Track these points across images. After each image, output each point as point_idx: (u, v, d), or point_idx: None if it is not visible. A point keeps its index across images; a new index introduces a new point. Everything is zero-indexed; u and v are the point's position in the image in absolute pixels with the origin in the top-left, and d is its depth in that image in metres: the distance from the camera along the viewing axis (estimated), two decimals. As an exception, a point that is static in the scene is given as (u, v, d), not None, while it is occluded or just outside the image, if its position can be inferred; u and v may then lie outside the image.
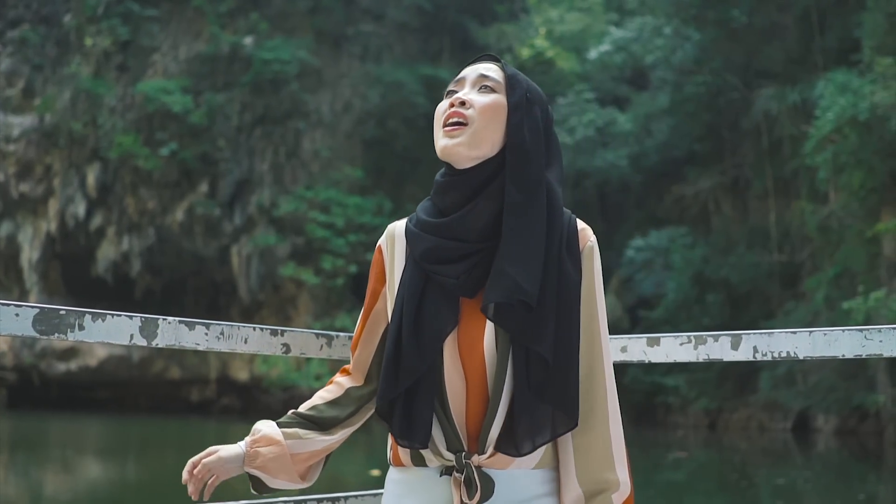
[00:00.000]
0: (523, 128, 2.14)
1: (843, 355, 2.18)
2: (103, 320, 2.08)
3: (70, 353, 35.98)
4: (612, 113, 35.62)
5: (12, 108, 36.76)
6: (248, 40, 36.37)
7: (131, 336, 2.12)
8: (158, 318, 2.17)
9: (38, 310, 1.99)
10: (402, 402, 2.10)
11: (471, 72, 2.23)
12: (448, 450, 2.09)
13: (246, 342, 2.34)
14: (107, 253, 36.60)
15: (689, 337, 2.35)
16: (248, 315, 35.52)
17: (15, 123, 36.57)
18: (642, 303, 33.12)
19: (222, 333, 2.29)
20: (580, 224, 2.20)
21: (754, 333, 2.28)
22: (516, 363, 2.04)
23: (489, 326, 2.08)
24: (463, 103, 2.15)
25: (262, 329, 2.38)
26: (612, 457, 2.12)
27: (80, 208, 36.32)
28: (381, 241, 2.31)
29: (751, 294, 30.62)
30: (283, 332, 2.43)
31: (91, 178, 36.30)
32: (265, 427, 2.22)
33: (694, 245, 32.44)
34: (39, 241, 36.57)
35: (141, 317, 2.14)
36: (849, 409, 27.09)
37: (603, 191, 36.50)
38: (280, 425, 2.23)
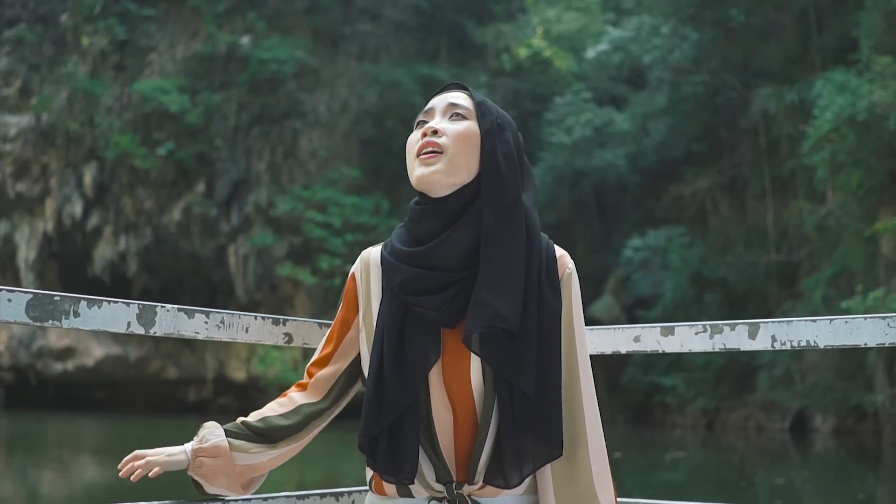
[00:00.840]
0: (497, 153, 2.13)
1: (866, 344, 2.11)
2: (99, 307, 2.01)
3: (67, 352, 35.90)
4: (609, 113, 35.58)
5: (9, 107, 36.68)
6: (245, 40, 36.30)
7: (128, 324, 2.05)
8: (157, 306, 2.09)
9: (31, 295, 1.92)
10: (387, 437, 2.06)
11: (439, 101, 2.21)
12: (437, 481, 2.06)
13: (247, 331, 2.26)
14: (104, 252, 36.52)
15: (704, 326, 2.27)
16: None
17: (12, 123, 36.48)
18: (640, 303, 33.06)
19: (222, 322, 2.21)
20: (558, 251, 2.17)
21: (772, 322, 2.20)
22: (501, 396, 2.02)
23: (475, 356, 2.04)
24: (435, 132, 2.14)
25: (263, 318, 2.31)
26: (594, 485, 2.07)
27: (77, 208, 36.25)
28: (355, 269, 2.25)
29: (748, 294, 30.57)
30: (284, 322, 2.36)
31: (88, 177, 36.22)
32: (212, 436, 2.17)
33: (692, 245, 32.39)
34: (36, 240, 36.49)
35: (138, 304, 2.07)
36: (847, 409, 27.05)
37: (600, 190, 36.45)
38: (227, 433, 2.18)
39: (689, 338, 2.30)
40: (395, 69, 36.39)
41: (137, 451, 2.15)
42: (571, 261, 2.19)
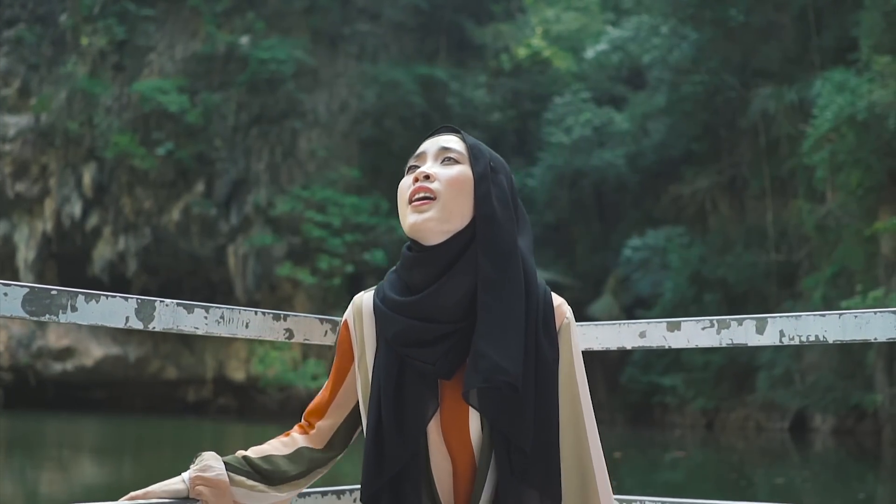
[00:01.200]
0: (492, 197, 2.07)
1: (876, 338, 2.07)
2: (97, 301, 1.97)
3: (66, 353, 35.87)
4: (608, 112, 35.58)
5: (8, 107, 36.66)
6: (244, 40, 36.27)
7: (127, 318, 2.01)
8: (155, 301, 2.06)
9: (27, 289, 1.88)
10: (388, 490, 2.04)
11: (431, 145, 2.15)
12: None
13: (247, 326, 2.23)
14: (103, 253, 36.50)
15: (711, 321, 2.24)
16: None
17: (11, 123, 36.46)
18: (639, 302, 33.04)
19: (222, 317, 2.18)
20: (556, 299, 2.11)
21: (780, 316, 2.17)
22: (498, 448, 1.98)
23: (473, 411, 2.02)
24: (428, 177, 2.07)
25: (263, 313, 2.27)
26: None
27: (77, 208, 36.22)
28: (348, 316, 2.20)
29: (748, 294, 30.55)
30: (285, 317, 2.32)
31: (87, 177, 36.20)
32: (212, 468, 2.11)
33: (691, 245, 32.37)
34: (35, 240, 36.46)
35: (137, 298, 2.04)
36: (846, 408, 27.03)
37: (600, 190, 36.44)
38: (228, 467, 2.13)
39: (695, 333, 2.27)
40: (394, 69, 36.38)
41: (131, 493, 2.08)
42: (570, 309, 2.12)
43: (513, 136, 38.74)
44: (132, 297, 2.02)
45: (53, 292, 1.91)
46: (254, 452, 2.18)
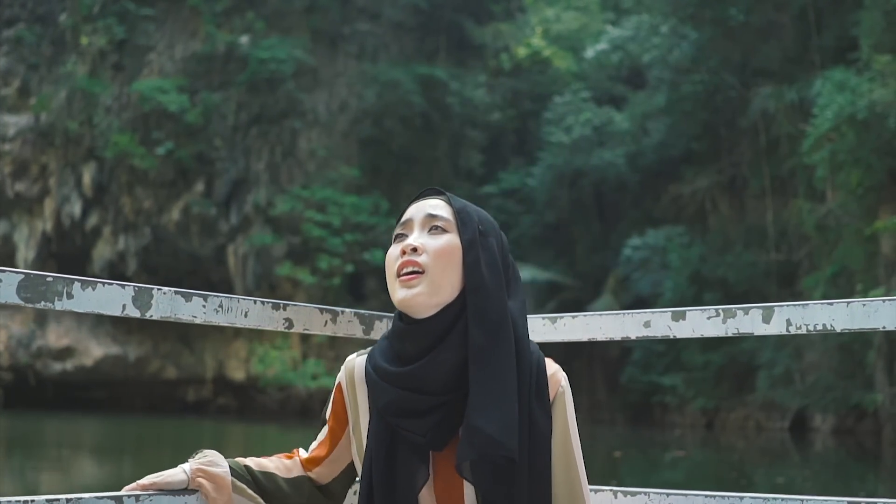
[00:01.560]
0: (481, 265, 2.01)
1: (885, 327, 2.04)
2: (94, 289, 1.94)
3: (66, 352, 35.84)
4: (608, 112, 35.56)
5: (8, 107, 36.62)
6: (244, 39, 36.24)
7: (123, 306, 1.98)
8: (153, 288, 2.03)
9: (22, 276, 1.85)
10: None
11: (417, 212, 2.09)
12: None
13: (246, 316, 2.20)
14: (103, 252, 36.46)
15: (717, 310, 2.21)
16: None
17: (10, 123, 36.42)
18: (639, 302, 32.99)
19: (221, 306, 2.14)
20: (550, 366, 2.05)
21: (787, 305, 2.14)
22: None
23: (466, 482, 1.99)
24: (415, 249, 2.02)
25: (263, 303, 2.24)
26: None
27: (76, 208, 36.19)
28: (341, 379, 2.17)
29: (748, 293, 30.50)
30: (285, 307, 2.29)
31: (87, 177, 36.17)
32: (215, 466, 2.11)
33: (691, 244, 32.34)
34: (35, 240, 36.42)
35: (134, 286, 2.00)
36: (846, 408, 26.99)
37: (600, 190, 36.41)
38: (231, 471, 2.13)
39: (701, 323, 2.23)
40: (394, 69, 36.34)
41: (141, 482, 2.06)
42: (564, 376, 2.06)
43: (513, 136, 38.71)
44: (129, 285, 1.99)
45: (49, 279, 1.88)
46: (255, 465, 2.17)
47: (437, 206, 2.08)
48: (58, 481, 15.41)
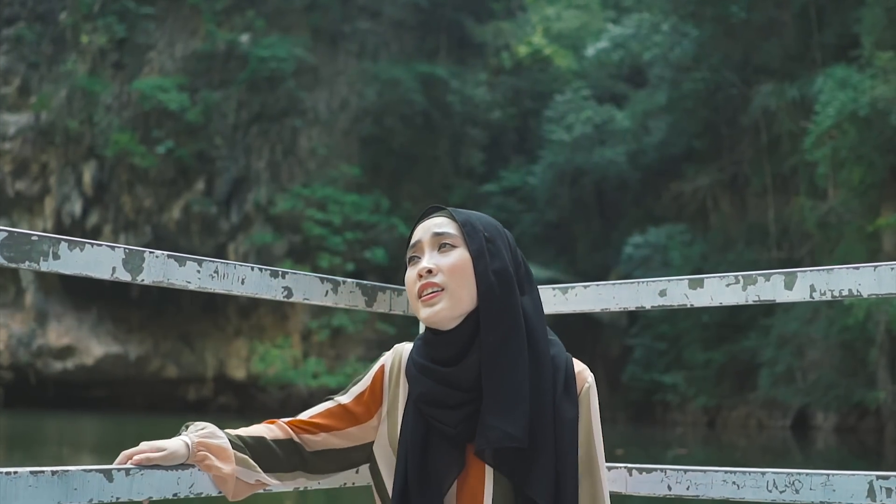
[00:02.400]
0: (489, 273, 2.11)
1: (914, 291, 1.94)
2: (81, 250, 1.84)
3: (66, 351, 35.77)
4: (609, 110, 35.49)
5: (8, 106, 36.53)
6: (244, 38, 36.16)
7: (113, 269, 1.88)
8: (144, 251, 1.92)
9: (6, 234, 1.75)
10: None
11: (424, 233, 2.16)
12: None
13: (243, 283, 2.09)
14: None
15: (736, 277, 2.10)
16: (246, 313, 35.45)
17: (11, 121, 36.34)
18: (640, 300, 32.84)
19: (216, 272, 2.04)
20: (577, 365, 2.14)
21: (811, 270, 2.03)
22: None
23: (489, 478, 2.05)
24: (430, 271, 2.11)
25: (261, 269, 2.14)
26: None
27: (77, 206, 36.12)
28: (386, 361, 2.24)
29: (749, 291, 30.32)
30: (284, 275, 2.19)
31: (87, 176, 36.09)
32: (215, 438, 2.08)
33: (692, 242, 32.27)
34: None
35: (125, 248, 1.90)
36: (849, 406, 26.89)
37: (601, 188, 36.33)
38: (231, 444, 2.10)
39: (719, 290, 2.13)
40: (395, 67, 36.28)
41: (125, 452, 2.01)
42: (591, 374, 2.16)
43: (513, 134, 38.64)
44: (119, 247, 1.89)
45: (34, 237, 1.78)
46: (244, 433, 2.14)
47: (441, 223, 2.16)
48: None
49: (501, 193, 36.29)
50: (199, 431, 2.07)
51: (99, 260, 1.85)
